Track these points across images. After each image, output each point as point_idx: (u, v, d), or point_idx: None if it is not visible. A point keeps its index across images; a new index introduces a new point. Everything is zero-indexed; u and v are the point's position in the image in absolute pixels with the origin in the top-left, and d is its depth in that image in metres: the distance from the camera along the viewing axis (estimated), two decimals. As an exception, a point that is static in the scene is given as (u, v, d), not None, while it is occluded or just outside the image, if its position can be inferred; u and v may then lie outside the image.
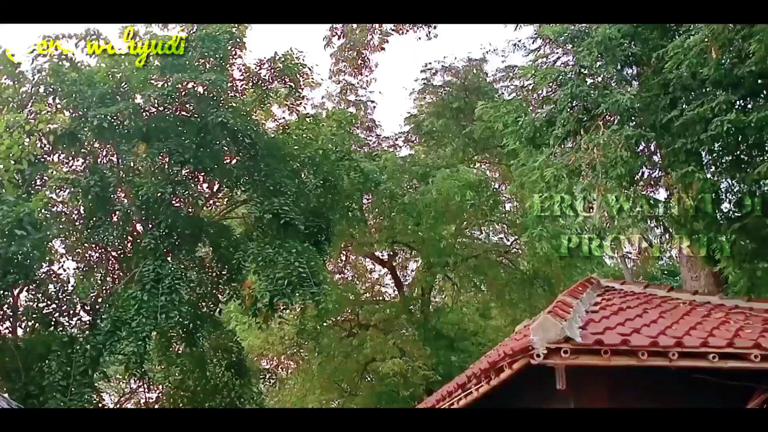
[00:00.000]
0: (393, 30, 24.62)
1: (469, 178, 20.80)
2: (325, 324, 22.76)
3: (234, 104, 17.33)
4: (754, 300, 8.84)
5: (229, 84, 17.47)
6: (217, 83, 16.18)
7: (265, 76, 18.19)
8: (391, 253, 24.72)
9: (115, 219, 16.89)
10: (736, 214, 10.28)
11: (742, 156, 9.69)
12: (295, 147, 18.01)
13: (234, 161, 17.68)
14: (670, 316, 7.79)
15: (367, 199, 22.61)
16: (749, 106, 9.19)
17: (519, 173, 11.56)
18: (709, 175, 10.03)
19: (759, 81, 8.98)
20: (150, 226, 16.56)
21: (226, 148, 17.16)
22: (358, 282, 26.18)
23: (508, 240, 24.51)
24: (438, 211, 21.12)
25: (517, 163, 11.65)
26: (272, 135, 18.37)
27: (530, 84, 11.34)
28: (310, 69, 18.79)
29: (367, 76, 25.43)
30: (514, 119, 11.01)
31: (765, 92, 9.12)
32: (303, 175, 18.08)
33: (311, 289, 15.51)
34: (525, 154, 11.02)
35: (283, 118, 19.71)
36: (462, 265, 23.33)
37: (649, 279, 23.71)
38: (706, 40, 8.61)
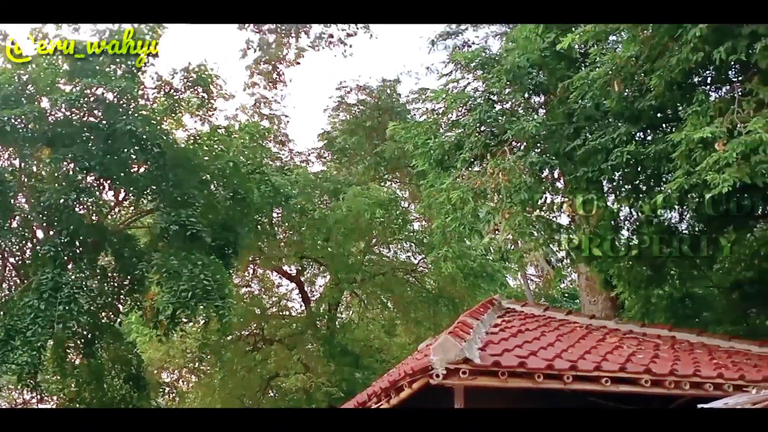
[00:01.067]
0: (309, 46, 24.62)
1: (379, 196, 20.91)
2: (228, 338, 22.33)
3: (144, 112, 16.83)
4: (647, 325, 9.25)
5: (140, 92, 16.97)
6: (127, 90, 15.72)
7: (177, 85, 17.78)
8: (300, 268, 24.52)
9: (14, 225, 16.27)
10: (633, 241, 10.78)
11: (640, 186, 10.13)
12: (206, 158, 17.64)
13: (141, 170, 17.11)
14: (567, 339, 8.01)
15: (277, 213, 22.35)
16: (648, 138, 9.65)
17: (427, 194, 11.67)
18: (609, 203, 10.47)
19: (658, 115, 9.46)
20: (51, 233, 15.98)
21: (133, 157, 16.61)
22: (264, 296, 25.82)
23: (416, 258, 24.76)
24: (348, 227, 21.11)
25: (426, 184, 11.76)
26: (182, 145, 17.91)
27: (441, 107, 11.51)
28: (224, 80, 18.55)
29: (281, 90, 25.29)
30: (424, 141, 11.13)
31: (663, 126, 9.58)
32: (212, 187, 17.74)
33: (216, 303, 15.24)
34: (433, 175, 11.14)
35: (195, 128, 19.29)
36: (369, 282, 23.40)
37: (550, 301, 24.56)
38: (609, 73, 8.97)
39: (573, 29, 9.85)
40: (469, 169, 10.32)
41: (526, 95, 11.04)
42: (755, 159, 6.89)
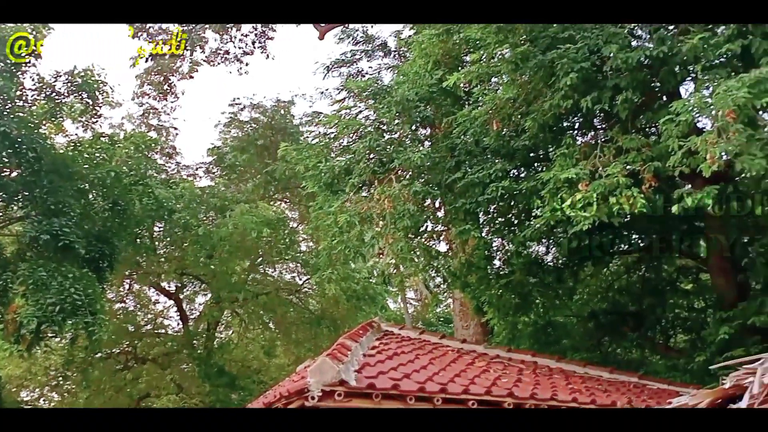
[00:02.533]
0: (204, 60, 24.33)
1: (267, 215, 20.83)
2: (97, 355, 21.35)
3: (21, 114, 15.98)
4: (513, 351, 9.77)
5: (19, 92, 16.12)
6: (3, 90, 14.90)
7: (60, 89, 16.99)
8: (179, 285, 23.87)
9: None
10: (504, 271, 11.41)
11: (512, 219, 10.78)
12: (86, 166, 16.90)
13: (14, 174, 16.17)
14: (439, 362, 8.35)
15: (159, 227, 21.72)
16: (521, 175, 10.29)
17: (315, 216, 11.84)
18: (483, 234, 11.06)
19: (531, 154, 10.13)
20: None
21: (6, 160, 15.67)
22: (139, 313, 24.87)
23: (301, 279, 24.77)
24: (233, 245, 20.84)
25: (315, 206, 11.93)
26: (61, 151, 17.10)
27: (333, 132, 11.76)
28: (111, 87, 17.92)
29: (172, 102, 24.78)
30: (315, 163, 11.31)
31: (535, 165, 10.26)
32: (91, 197, 17.00)
33: (85, 318, 14.56)
34: (323, 198, 11.33)
35: (77, 134, 18.48)
36: (252, 302, 23.13)
37: (426, 325, 25.24)
38: (490, 112, 9.56)
39: (459, 68, 10.46)
40: (357, 193, 10.60)
41: (414, 127, 11.50)
42: (613, 200, 7.56)
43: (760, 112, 7.07)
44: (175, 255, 22.50)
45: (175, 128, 25.00)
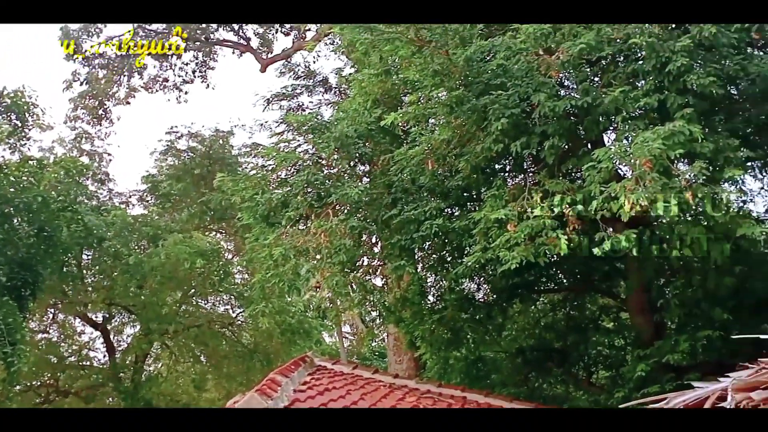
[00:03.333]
0: (142, 86, 24.11)
1: (201, 245, 20.57)
2: (17, 388, 20.41)
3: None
4: (443, 386, 9.93)
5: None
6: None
7: (-13, 109, 16.60)
8: (107, 316, 23.17)
9: None
10: (437, 306, 11.63)
11: (446, 256, 11.05)
12: (11, 190, 16.39)
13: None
14: (370, 398, 8.44)
15: (88, 256, 21.15)
16: (455, 214, 10.57)
17: (251, 248, 11.81)
18: (418, 270, 11.28)
19: (464, 194, 10.43)
20: None
21: None
22: (63, 344, 23.98)
23: (234, 312, 24.43)
24: (164, 275, 20.45)
25: (250, 238, 11.90)
26: (-16, 174, 16.58)
27: (271, 164, 11.81)
28: (42, 110, 17.55)
29: (107, 127, 24.39)
30: (251, 195, 11.32)
31: (468, 204, 10.57)
32: (15, 221, 16.47)
33: (4, 348, 14.01)
34: (258, 230, 11.32)
35: (2, 156, 17.95)
36: (183, 334, 22.65)
37: (361, 359, 25.22)
38: (426, 152, 9.85)
39: (398, 108, 10.76)
40: (294, 227, 10.67)
41: (352, 163, 11.69)
42: (539, 241, 7.90)
43: (675, 163, 7.57)
44: (104, 284, 21.91)
45: (109, 154, 24.63)
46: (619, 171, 8.35)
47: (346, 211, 10.88)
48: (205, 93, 30.42)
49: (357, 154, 11.40)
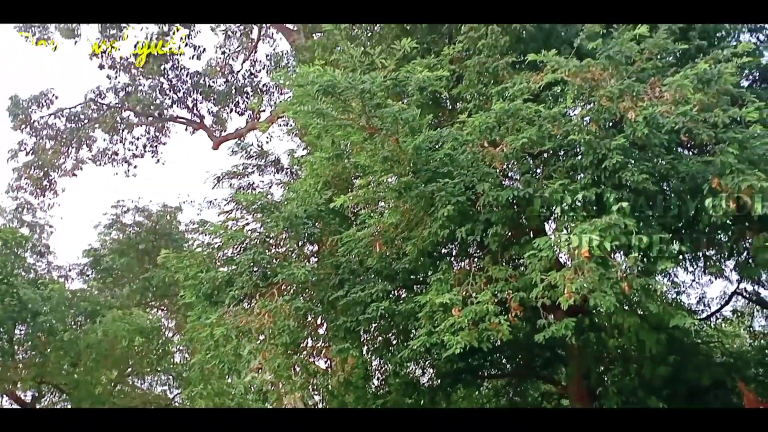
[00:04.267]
0: (90, 159, 23.92)
1: (141, 322, 19.96)
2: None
3: None
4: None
5: None
6: None
7: None
8: (37, 394, 22.01)
9: None
10: (381, 390, 11.51)
11: (392, 339, 11.03)
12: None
13: None
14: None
15: (21, 330, 20.26)
16: (401, 297, 10.65)
17: (192, 327, 11.57)
18: (363, 353, 11.19)
19: (411, 277, 10.55)
20: None
21: None
22: (-14, 424, 22.56)
23: (172, 393, 23.54)
24: (100, 353, 19.67)
25: (192, 316, 11.68)
26: None
27: (218, 242, 11.77)
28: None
29: (50, 199, 23.95)
30: (196, 273, 11.20)
31: (414, 287, 10.67)
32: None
33: None
34: (201, 308, 11.13)
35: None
36: (116, 416, 21.63)
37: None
38: (374, 234, 9.99)
39: (348, 190, 10.96)
40: (237, 306, 10.54)
41: (300, 243, 11.73)
42: (482, 326, 8.02)
43: (612, 254, 7.87)
44: (36, 361, 20.91)
45: (51, 226, 24.05)
46: (559, 259, 8.63)
47: (291, 291, 10.84)
48: (155, 168, 30.29)
49: (305, 234, 11.46)
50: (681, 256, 9.54)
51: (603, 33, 8.74)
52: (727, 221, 8.13)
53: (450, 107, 11.48)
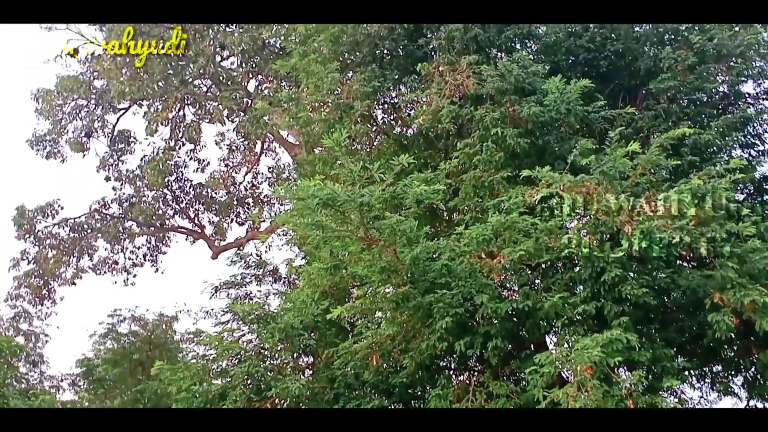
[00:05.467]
0: (90, 268, 23.96)
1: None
2: None
3: None
4: None
5: None
6: None
7: None
8: None
9: None
10: None
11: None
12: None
13: None
14: None
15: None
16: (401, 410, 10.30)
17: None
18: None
19: (408, 391, 10.26)
20: None
21: None
22: None
23: None
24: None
25: (183, 432, 11.25)
26: None
27: (213, 354, 11.54)
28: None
29: (48, 308, 23.78)
30: (189, 386, 10.89)
31: (412, 402, 10.34)
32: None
33: None
34: (192, 423, 10.77)
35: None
36: None
37: None
38: (371, 346, 9.78)
39: (346, 300, 10.85)
40: (229, 421, 10.16)
41: (296, 355, 11.49)
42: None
43: (615, 370, 7.67)
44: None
45: (46, 335, 23.75)
46: (562, 374, 8.39)
47: (286, 404, 10.50)
48: (154, 277, 30.27)
49: (301, 346, 11.25)
50: (687, 373, 9.29)
51: (595, 148, 8.93)
52: (732, 336, 7.98)
53: (447, 218, 11.58)
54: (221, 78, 21.31)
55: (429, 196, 9.17)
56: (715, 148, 10.42)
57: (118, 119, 24.59)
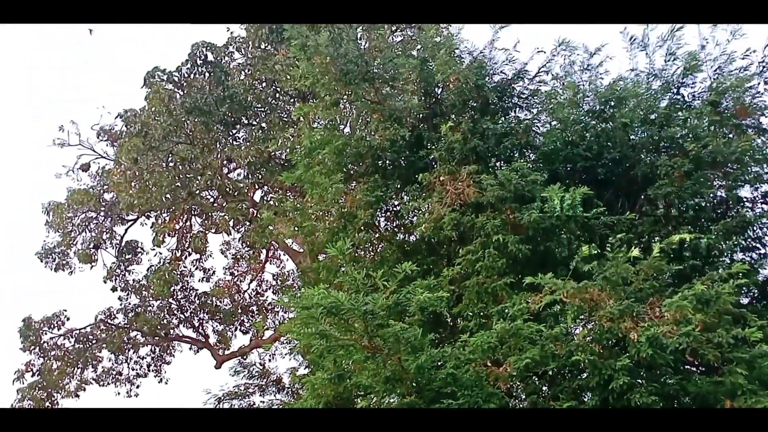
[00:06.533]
0: (94, 379, 23.75)
1: None
2: None
3: None
4: None
5: None
6: None
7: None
8: None
9: None
10: None
11: None
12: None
13: None
14: None
15: None
16: None
17: None
18: None
19: None
20: None
21: None
22: None
23: None
24: None
25: None
26: None
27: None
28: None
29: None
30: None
31: None
32: None
33: None
34: None
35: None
36: None
37: None
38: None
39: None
40: None
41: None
42: None
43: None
44: None
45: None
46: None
47: None
48: (157, 387, 29.84)
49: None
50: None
51: (597, 254, 8.99)
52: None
53: (451, 324, 11.50)
54: (228, 189, 21.83)
55: (433, 303, 9.16)
56: (716, 251, 10.47)
57: (126, 230, 25.00)
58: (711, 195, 11.16)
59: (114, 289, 24.75)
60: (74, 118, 23.97)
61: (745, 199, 11.55)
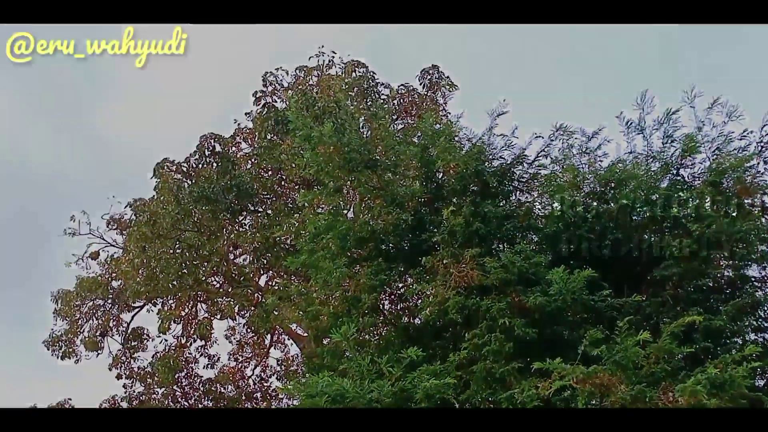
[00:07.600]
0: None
1: None
2: None
3: None
4: None
5: None
6: None
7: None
8: None
9: None
10: None
11: None
12: None
13: None
14: None
15: None
16: None
17: None
18: None
19: None
20: None
21: None
22: None
23: None
24: None
25: None
26: None
27: None
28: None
29: None
30: None
31: None
32: None
33: None
34: None
35: None
36: None
37: None
38: None
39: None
40: None
41: None
42: None
43: None
44: None
45: None
46: None
47: None
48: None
49: None
50: None
51: (605, 336, 8.84)
52: None
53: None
54: (234, 275, 21.83)
55: (439, 391, 8.95)
56: (728, 332, 10.26)
57: (132, 317, 24.90)
58: (718, 275, 11.04)
59: (119, 377, 24.43)
60: (85, 207, 24.25)
61: (753, 279, 11.42)
